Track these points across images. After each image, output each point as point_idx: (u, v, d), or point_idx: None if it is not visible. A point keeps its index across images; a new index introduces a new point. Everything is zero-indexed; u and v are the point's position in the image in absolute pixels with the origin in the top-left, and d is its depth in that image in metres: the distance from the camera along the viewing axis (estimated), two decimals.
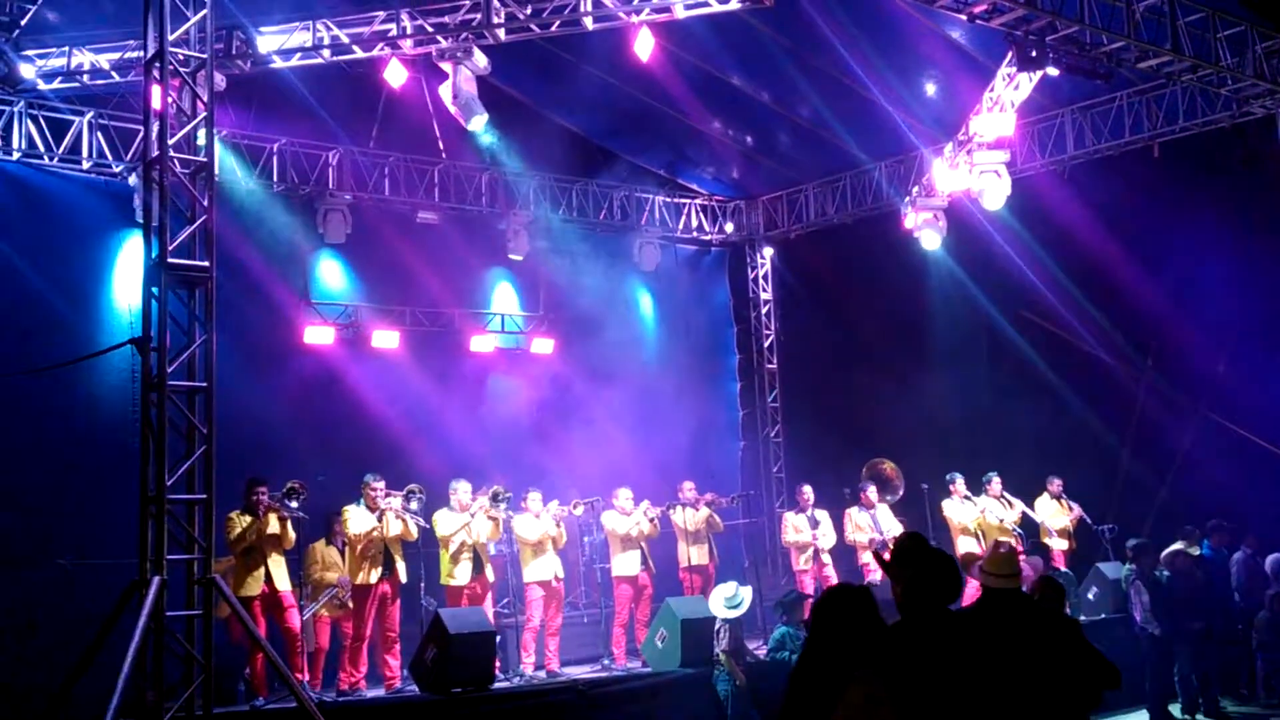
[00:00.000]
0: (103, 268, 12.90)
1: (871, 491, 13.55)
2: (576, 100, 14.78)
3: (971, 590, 10.25)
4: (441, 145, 14.60)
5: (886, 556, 4.82)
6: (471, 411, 15.08)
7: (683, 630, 11.02)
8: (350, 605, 10.84)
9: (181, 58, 8.57)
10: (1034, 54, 11.58)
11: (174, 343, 8.32)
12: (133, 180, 12.64)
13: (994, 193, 13.46)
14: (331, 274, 14.82)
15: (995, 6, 11.01)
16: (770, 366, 18.18)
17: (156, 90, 8.52)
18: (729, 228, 18.05)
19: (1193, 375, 14.25)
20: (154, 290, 8.25)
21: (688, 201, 17.69)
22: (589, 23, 11.41)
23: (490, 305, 16.11)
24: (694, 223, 17.76)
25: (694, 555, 12.74)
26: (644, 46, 11.56)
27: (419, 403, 14.52)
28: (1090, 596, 13.04)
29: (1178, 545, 12.25)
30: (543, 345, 16.09)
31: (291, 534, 10.28)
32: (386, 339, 14.77)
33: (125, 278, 12.69)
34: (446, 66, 11.41)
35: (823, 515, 13.46)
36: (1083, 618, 11.96)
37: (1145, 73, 12.69)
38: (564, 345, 16.11)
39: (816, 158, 16.44)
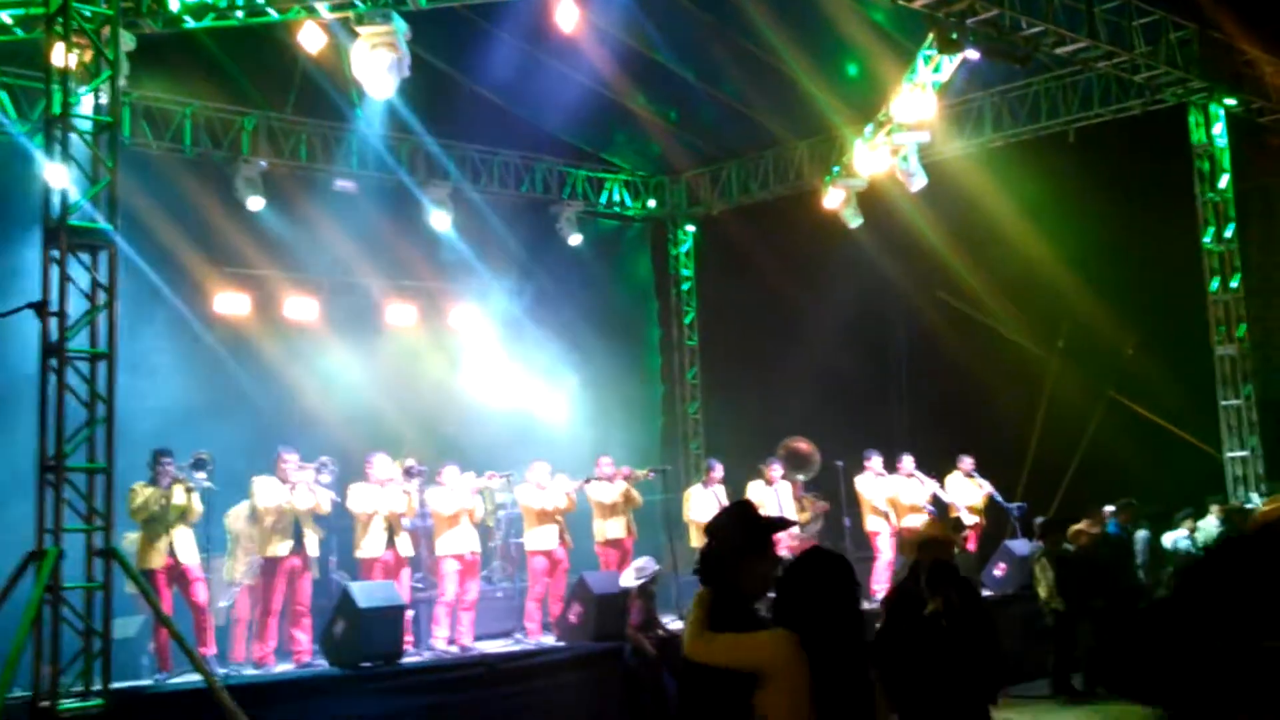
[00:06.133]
0: (4, 229, 12.46)
1: (775, 469, 13.51)
2: (499, 72, 14.60)
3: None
4: (361, 113, 14.34)
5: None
6: (388, 383, 14.88)
7: (597, 605, 11.01)
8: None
9: (87, 14, 8.31)
10: (954, 37, 11.68)
11: (77, 308, 8.12)
12: (38, 140, 12.23)
13: (913, 174, 13.58)
14: (245, 242, 14.46)
15: None
16: (690, 343, 18.22)
17: (60, 47, 8.26)
18: (651, 203, 18.02)
19: (1101, 358, 14.55)
20: (54, 253, 8.02)
21: (610, 176, 17.62)
22: None
23: (409, 276, 15.89)
24: (616, 197, 17.70)
25: (610, 530, 12.69)
26: (567, 18, 11.45)
27: (334, 373, 14.31)
28: (998, 573, 13.29)
29: (1083, 524, 12.52)
30: (462, 318, 15.94)
31: (198, 506, 10.05)
32: (302, 308, 14.51)
33: (28, 240, 12.27)
34: (365, 30, 11.15)
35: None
36: (988, 593, 12.19)
37: (1063, 59, 12.88)
38: (483, 318, 15.95)
39: (739, 135, 16.50)
